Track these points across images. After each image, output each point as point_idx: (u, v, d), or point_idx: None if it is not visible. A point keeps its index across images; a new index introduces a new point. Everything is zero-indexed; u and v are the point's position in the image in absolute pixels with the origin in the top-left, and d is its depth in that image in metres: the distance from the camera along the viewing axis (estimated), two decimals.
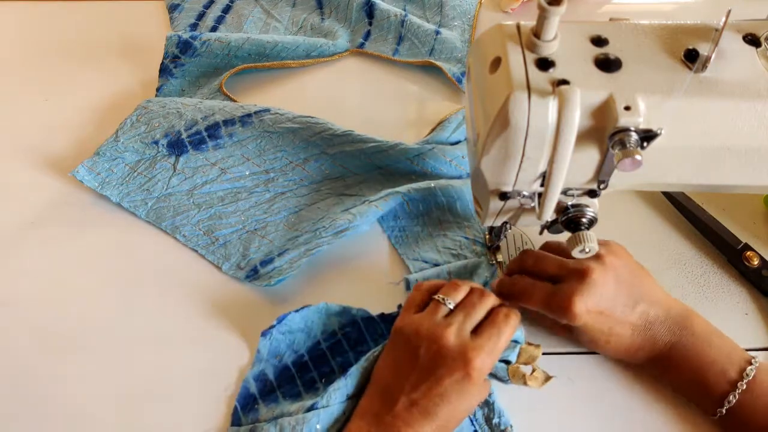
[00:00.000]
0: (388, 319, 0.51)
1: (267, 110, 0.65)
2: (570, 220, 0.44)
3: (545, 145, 0.36)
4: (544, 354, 0.49)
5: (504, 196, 0.42)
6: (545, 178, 0.38)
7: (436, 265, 0.56)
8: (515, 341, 0.47)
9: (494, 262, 0.55)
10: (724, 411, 0.44)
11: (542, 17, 0.35)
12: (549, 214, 0.40)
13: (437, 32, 0.77)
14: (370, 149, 0.62)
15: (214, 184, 0.63)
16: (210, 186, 0.62)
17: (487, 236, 0.56)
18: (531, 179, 0.40)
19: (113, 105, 0.70)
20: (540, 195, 0.40)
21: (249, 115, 0.64)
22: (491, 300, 0.46)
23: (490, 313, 0.45)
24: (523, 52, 0.36)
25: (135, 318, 0.54)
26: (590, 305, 0.45)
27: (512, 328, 0.44)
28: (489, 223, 0.47)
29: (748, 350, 0.50)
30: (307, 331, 0.51)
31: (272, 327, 0.51)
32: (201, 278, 0.56)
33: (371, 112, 0.71)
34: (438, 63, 0.74)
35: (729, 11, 0.35)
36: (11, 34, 0.80)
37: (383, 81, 0.75)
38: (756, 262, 0.54)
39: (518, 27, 0.37)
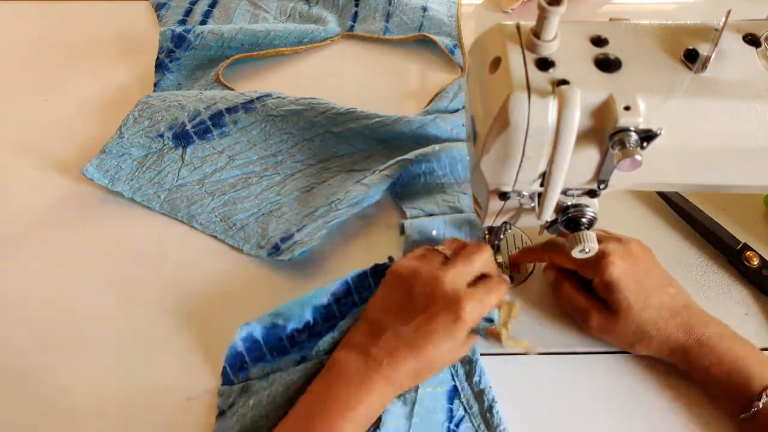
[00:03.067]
0: (378, 271, 0.52)
1: (269, 95, 0.66)
2: (570, 220, 0.44)
3: (545, 145, 0.36)
4: (559, 353, 0.50)
5: (504, 196, 0.42)
6: (545, 178, 0.38)
7: (432, 214, 0.58)
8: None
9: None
10: (750, 413, 0.43)
11: (542, 17, 0.35)
12: (549, 214, 0.40)
13: (425, 8, 0.79)
14: (374, 124, 0.63)
15: (224, 171, 0.63)
16: (220, 174, 0.63)
17: (487, 236, 0.56)
18: (531, 179, 0.40)
19: (112, 102, 0.71)
20: (540, 195, 0.40)
21: (251, 101, 0.65)
22: (487, 253, 0.48)
23: (482, 278, 0.47)
24: (523, 52, 0.36)
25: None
26: (626, 262, 0.46)
27: (502, 293, 0.47)
28: (489, 223, 0.47)
29: None
30: (297, 311, 0.51)
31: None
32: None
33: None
34: (431, 35, 0.76)
35: (729, 11, 0.35)
36: (7, 33, 0.80)
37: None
38: (756, 262, 0.54)
39: (518, 27, 0.37)
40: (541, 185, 0.40)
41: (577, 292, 0.50)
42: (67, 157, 0.65)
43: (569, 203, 0.43)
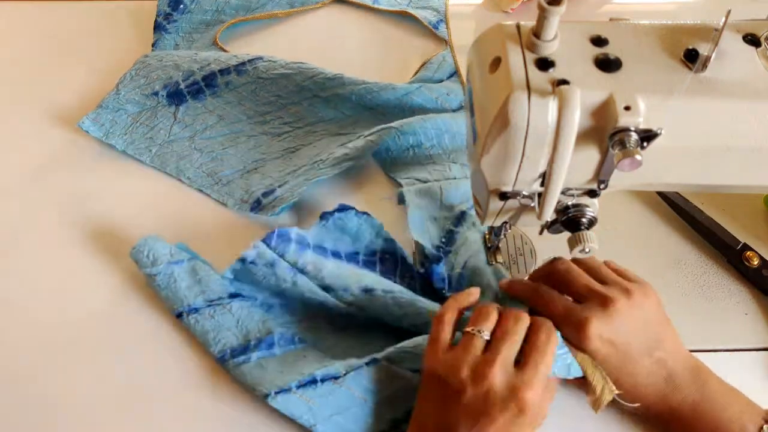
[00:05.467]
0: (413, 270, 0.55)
1: (260, 58, 0.68)
2: (570, 220, 0.43)
3: (545, 145, 0.36)
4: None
5: (504, 196, 0.42)
6: (545, 178, 0.38)
7: (427, 182, 0.59)
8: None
9: (494, 262, 0.55)
10: None
11: (542, 17, 0.35)
12: (549, 214, 0.40)
13: None
14: (360, 90, 0.66)
15: (214, 129, 0.66)
16: (210, 132, 0.66)
17: (487, 236, 0.56)
18: (531, 179, 0.40)
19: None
20: (540, 195, 0.40)
21: (243, 64, 0.68)
22: (526, 321, 0.43)
23: (528, 334, 0.43)
24: (523, 52, 0.36)
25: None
26: (605, 333, 0.43)
27: (554, 345, 0.42)
28: (489, 223, 0.47)
29: (748, 350, 0.50)
30: (354, 237, 0.56)
31: (333, 212, 0.55)
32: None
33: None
34: (413, 12, 0.79)
35: (729, 11, 0.35)
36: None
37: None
38: (756, 262, 0.54)
39: (518, 27, 0.37)
40: (541, 185, 0.40)
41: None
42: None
43: (569, 203, 0.43)
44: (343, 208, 0.56)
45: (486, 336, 0.42)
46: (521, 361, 0.42)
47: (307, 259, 0.51)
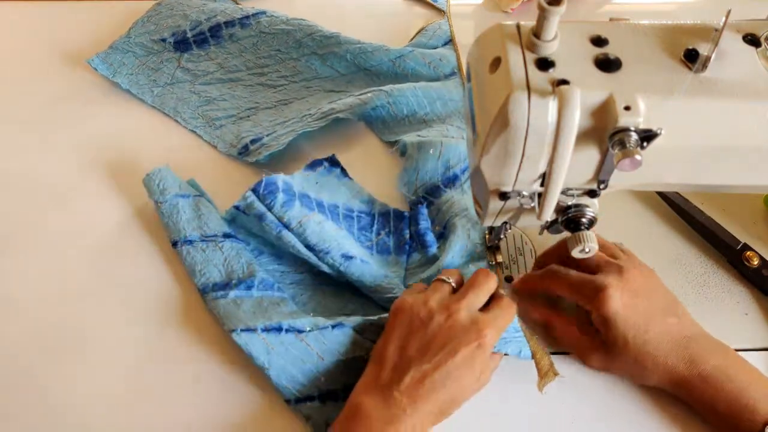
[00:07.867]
0: (397, 214, 0.58)
1: (263, 12, 0.73)
2: (570, 220, 0.44)
3: (545, 145, 0.36)
4: (556, 353, 0.50)
5: (504, 196, 0.42)
6: (545, 178, 0.38)
7: (427, 137, 0.62)
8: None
9: (494, 262, 0.55)
10: None
11: (542, 17, 0.35)
12: (549, 214, 0.40)
13: None
14: (355, 50, 0.69)
15: (213, 76, 0.71)
16: (210, 78, 0.71)
17: (487, 236, 0.56)
18: (531, 179, 0.40)
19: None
20: (540, 195, 0.40)
21: (247, 17, 0.73)
22: (494, 281, 0.47)
23: (492, 299, 0.47)
24: (523, 52, 0.36)
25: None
26: (625, 295, 0.45)
27: (513, 314, 0.47)
28: (489, 223, 0.47)
29: (748, 350, 0.50)
30: (331, 192, 0.58)
31: (321, 162, 0.59)
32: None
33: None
34: None
35: (729, 11, 0.35)
36: None
37: None
38: (756, 262, 0.54)
39: (518, 27, 0.37)
40: (541, 185, 0.40)
41: (571, 330, 0.49)
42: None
43: (569, 203, 0.43)
44: (332, 163, 0.59)
45: (452, 282, 0.48)
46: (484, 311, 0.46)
47: (292, 215, 0.53)
